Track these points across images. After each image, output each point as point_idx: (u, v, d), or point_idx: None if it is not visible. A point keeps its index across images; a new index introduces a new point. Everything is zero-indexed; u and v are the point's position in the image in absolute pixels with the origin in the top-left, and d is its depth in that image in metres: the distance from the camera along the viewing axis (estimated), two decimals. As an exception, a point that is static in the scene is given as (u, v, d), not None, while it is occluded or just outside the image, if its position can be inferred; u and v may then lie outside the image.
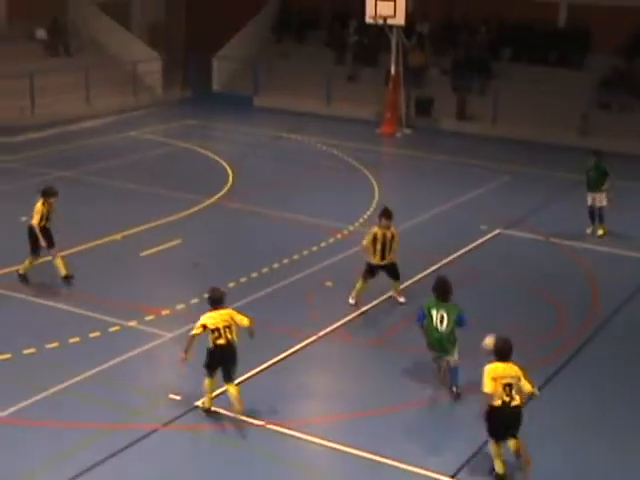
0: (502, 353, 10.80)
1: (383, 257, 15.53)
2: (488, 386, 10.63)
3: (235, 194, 22.15)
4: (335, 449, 11.40)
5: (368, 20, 29.71)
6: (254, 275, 16.95)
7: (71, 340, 13.87)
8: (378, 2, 29.10)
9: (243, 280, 16.65)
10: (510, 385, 10.65)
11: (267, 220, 20.39)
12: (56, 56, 32.34)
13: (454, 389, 12.72)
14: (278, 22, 37.18)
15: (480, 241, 19.47)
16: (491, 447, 10.92)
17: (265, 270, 17.22)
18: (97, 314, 14.88)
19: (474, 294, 16.66)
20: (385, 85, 30.87)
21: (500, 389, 10.60)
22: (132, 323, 14.63)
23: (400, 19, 29.13)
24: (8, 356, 13.33)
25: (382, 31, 30.47)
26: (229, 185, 22.98)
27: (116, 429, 11.62)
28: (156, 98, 33.64)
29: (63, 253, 16.60)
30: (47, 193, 16.02)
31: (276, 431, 11.71)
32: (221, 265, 17.56)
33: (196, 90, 34.49)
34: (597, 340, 14.86)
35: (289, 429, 11.73)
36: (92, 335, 14.12)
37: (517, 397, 10.70)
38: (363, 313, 15.56)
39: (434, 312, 12.63)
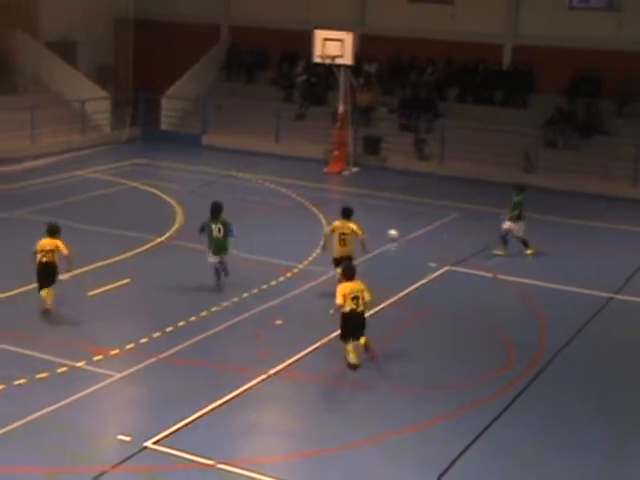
0: (349, 275, 14.70)
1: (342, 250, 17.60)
2: (339, 299, 14.32)
3: (184, 233, 22.06)
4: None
5: (316, 60, 30.00)
6: (203, 314, 16.87)
7: (17, 382, 13.64)
8: (326, 42, 29.41)
9: (192, 319, 16.57)
10: (357, 297, 14.38)
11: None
12: (2, 94, 32.03)
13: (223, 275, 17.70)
14: (227, 61, 37.38)
15: (429, 278, 19.61)
16: (344, 346, 14.54)
17: (215, 309, 17.15)
18: (44, 354, 14.67)
19: (423, 331, 16.80)
20: (333, 124, 31.13)
21: (349, 301, 14.27)
22: (80, 363, 14.45)
23: (348, 59, 29.45)
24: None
25: (330, 70, 30.79)
26: (177, 224, 22.91)
27: (63, 473, 11.41)
28: (104, 137, 33.49)
29: (7, 294, 16.41)
30: None
31: (226, 470, 11.60)
32: (170, 304, 17.45)
33: (145, 129, 34.43)
34: (542, 379, 14.96)
35: (239, 468, 11.63)
36: (39, 376, 13.91)
37: (361, 306, 14.43)
38: (314, 350, 15.54)
39: (213, 226, 17.72)
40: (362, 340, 14.51)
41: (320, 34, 29.63)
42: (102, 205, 24.62)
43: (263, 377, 14.37)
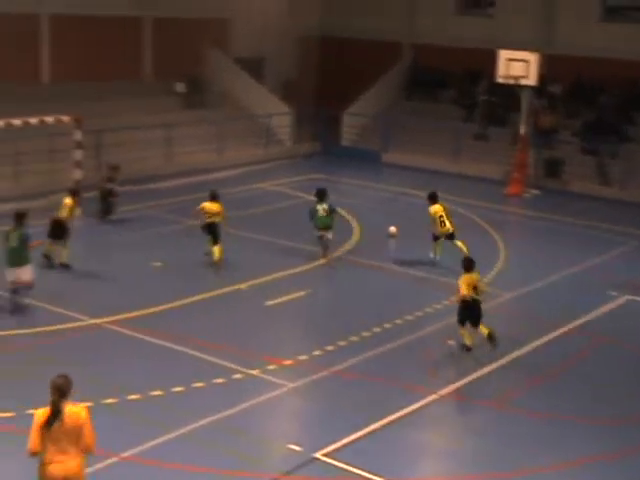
0: (469, 267, 16.11)
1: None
2: (464, 289, 15.81)
3: (360, 248, 22.32)
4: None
5: (499, 79, 29.71)
6: (377, 330, 17.01)
7: (195, 385, 14.18)
8: (510, 62, 29.08)
9: (365, 334, 16.73)
10: (476, 287, 15.97)
11: (391, 276, 20.47)
12: (193, 109, 33.46)
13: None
14: (408, 80, 37.57)
15: (608, 307, 19.05)
16: (460, 330, 16.02)
17: (388, 325, 17.26)
18: (221, 361, 15.17)
19: (598, 361, 16.34)
20: (513, 145, 30.72)
21: (470, 290, 15.78)
22: (255, 372, 14.85)
23: (532, 80, 29.00)
24: (137, 397, 13.72)
25: (512, 91, 30.42)
26: (355, 239, 23.18)
27: (234, 476, 11.78)
28: (285, 151, 34.34)
29: (185, 301, 17.21)
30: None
31: (394, 488, 11.67)
32: (344, 319, 17.68)
33: (325, 144, 35.03)
34: None
35: (407, 487, 11.68)
36: (216, 381, 14.40)
37: (480, 294, 16.05)
38: (486, 373, 15.40)
39: (319, 207, 20.67)
40: (486, 331, 16.01)
41: (504, 54, 29.30)
42: (281, 218, 25.22)
43: (434, 397, 14.36)
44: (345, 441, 12.65)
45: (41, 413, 9.26)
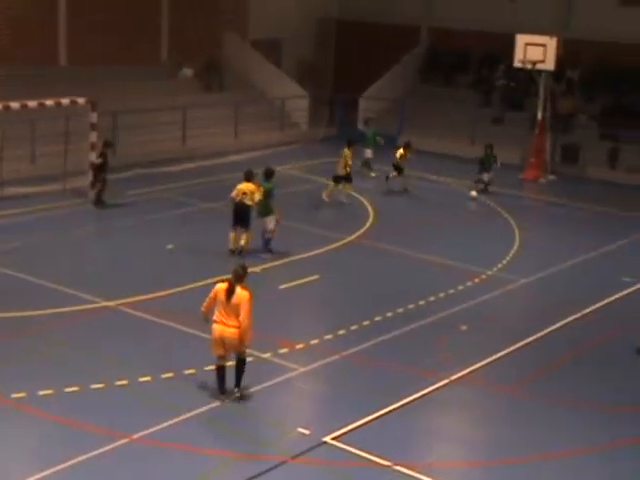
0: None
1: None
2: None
3: (375, 233, 22.30)
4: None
5: (517, 64, 29.52)
6: (389, 314, 17.00)
7: (206, 368, 14.20)
8: (528, 47, 28.89)
9: (377, 319, 16.73)
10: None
11: (405, 261, 20.44)
12: (210, 91, 33.44)
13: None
14: (426, 64, 37.39)
15: (622, 294, 18.96)
16: None
17: (400, 310, 17.25)
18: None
19: (612, 348, 16.28)
20: (530, 130, 30.55)
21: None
22: (266, 355, 14.88)
23: (550, 64, 28.81)
24: (149, 379, 13.78)
25: (530, 75, 30.23)
26: (369, 224, 23.16)
27: (245, 459, 11.83)
28: (302, 135, 34.28)
29: (198, 284, 17.27)
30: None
31: (402, 472, 11.66)
32: (357, 303, 17.69)
33: (341, 128, 34.93)
34: None
35: (415, 471, 11.67)
36: (228, 364, 14.42)
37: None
38: (498, 359, 15.37)
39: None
40: None
41: (522, 38, 29.13)
42: (296, 201, 25.18)
43: (445, 382, 14.35)
44: (355, 425, 12.66)
45: (220, 287, 12.90)
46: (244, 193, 19.55)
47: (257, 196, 19.64)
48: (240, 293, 12.76)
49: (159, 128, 28.83)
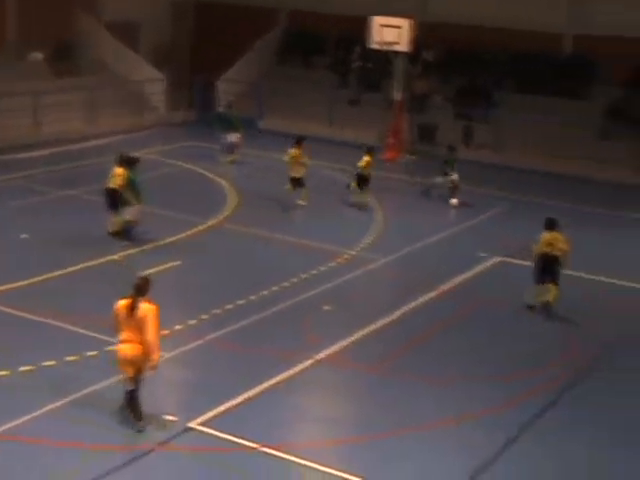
0: (551, 225, 16.83)
1: None
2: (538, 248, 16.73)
3: (236, 216, 22.19)
4: (331, 474, 11.35)
5: (373, 46, 29.83)
6: (252, 298, 16.96)
7: (68, 358, 13.85)
8: (383, 28, 29.23)
9: (240, 303, 16.67)
10: (551, 244, 16.62)
11: (267, 243, 20.43)
12: (61, 76, 32.43)
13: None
14: (283, 46, 37.38)
15: (479, 268, 19.49)
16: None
17: (264, 293, 17.23)
18: (93, 333, 14.86)
19: (471, 322, 16.70)
20: (387, 110, 30.96)
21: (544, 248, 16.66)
22: (129, 343, 14.59)
23: (405, 46, 29.25)
24: (6, 372, 13.33)
25: (386, 57, 30.61)
26: (230, 207, 23.03)
27: (109, 450, 11.58)
28: (160, 119, 33.77)
29: (60, 272, 16.72)
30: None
31: (269, 454, 11.67)
32: (219, 288, 17.57)
33: (200, 112, 34.59)
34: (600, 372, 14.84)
35: (282, 452, 11.70)
36: (89, 354, 14.11)
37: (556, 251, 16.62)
38: (361, 337, 15.54)
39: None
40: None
41: (377, 20, 29.45)
42: (155, 186, 24.63)
43: (310, 362, 14.42)
44: (220, 409, 12.60)
45: (120, 304, 11.99)
46: (113, 177, 19.69)
47: (118, 180, 19.52)
48: (144, 306, 11.91)
49: (10, 114, 27.83)
